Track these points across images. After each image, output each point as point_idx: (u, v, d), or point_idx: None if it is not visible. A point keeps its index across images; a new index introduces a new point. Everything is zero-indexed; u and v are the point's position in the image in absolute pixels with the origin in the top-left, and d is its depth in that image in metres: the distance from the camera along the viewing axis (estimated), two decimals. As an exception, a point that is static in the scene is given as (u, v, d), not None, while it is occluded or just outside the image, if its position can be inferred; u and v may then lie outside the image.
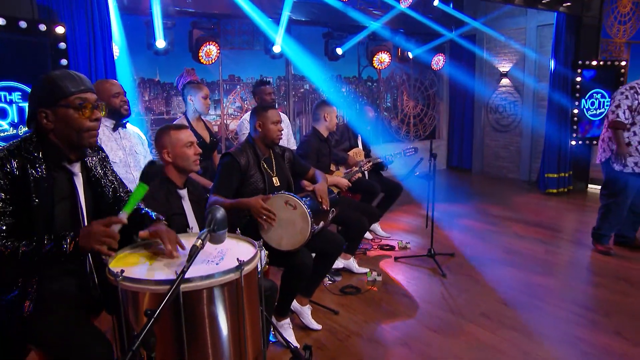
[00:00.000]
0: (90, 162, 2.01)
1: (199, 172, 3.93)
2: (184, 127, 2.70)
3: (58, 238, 1.69)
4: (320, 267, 3.24)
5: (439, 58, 8.17)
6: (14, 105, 3.57)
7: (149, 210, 2.09)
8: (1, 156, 1.74)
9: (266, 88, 4.67)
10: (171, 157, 2.56)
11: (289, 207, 2.88)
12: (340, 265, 4.28)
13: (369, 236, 5.25)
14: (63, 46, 3.72)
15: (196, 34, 5.98)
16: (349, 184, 4.16)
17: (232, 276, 1.68)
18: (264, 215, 2.85)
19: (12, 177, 1.73)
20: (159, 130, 2.68)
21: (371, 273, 4.18)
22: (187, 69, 6.53)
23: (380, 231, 5.41)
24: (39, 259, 1.67)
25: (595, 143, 7.01)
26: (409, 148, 5.11)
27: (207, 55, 5.91)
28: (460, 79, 9.08)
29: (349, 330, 3.34)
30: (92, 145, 1.93)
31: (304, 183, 3.67)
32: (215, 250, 1.87)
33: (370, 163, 4.80)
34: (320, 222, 3.05)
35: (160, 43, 5.53)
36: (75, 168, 1.92)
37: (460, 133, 9.75)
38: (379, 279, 4.15)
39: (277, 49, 6.49)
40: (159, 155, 2.62)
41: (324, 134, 4.39)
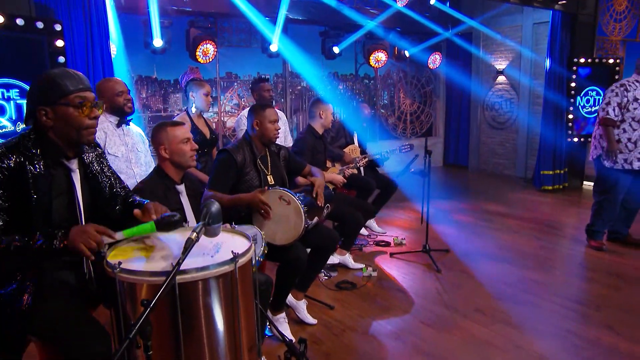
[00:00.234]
0: (88, 159, 2.05)
1: (198, 167, 3.99)
2: (181, 124, 2.73)
3: (50, 234, 1.73)
4: (315, 262, 3.28)
5: (436, 57, 8.21)
6: (11, 102, 3.61)
7: (143, 200, 2.14)
8: None
9: (265, 85, 4.71)
10: (168, 154, 2.60)
11: (283, 202, 2.93)
12: (336, 261, 4.32)
13: (365, 232, 5.29)
14: (61, 44, 3.75)
15: (193, 33, 6.01)
16: (343, 180, 4.21)
17: (227, 268, 1.72)
18: (262, 209, 2.90)
19: (10, 173, 1.77)
20: (155, 126, 2.72)
21: (367, 269, 4.22)
22: (192, 67, 6.58)
23: (375, 227, 5.45)
24: (31, 254, 1.72)
25: (590, 140, 7.05)
26: (404, 145, 5.14)
27: (205, 54, 5.95)
28: (456, 76, 9.12)
29: (344, 324, 3.38)
30: (90, 142, 1.98)
31: (299, 180, 3.71)
32: (211, 243, 1.91)
33: (366, 159, 4.84)
34: (315, 218, 3.09)
35: (157, 42, 5.56)
36: (73, 164, 1.96)
37: (456, 130, 9.80)
38: (375, 274, 4.19)
39: (274, 47, 6.53)
40: (155, 152, 2.66)
41: (319, 131, 4.43)
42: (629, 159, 4.46)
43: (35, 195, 1.80)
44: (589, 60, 7.15)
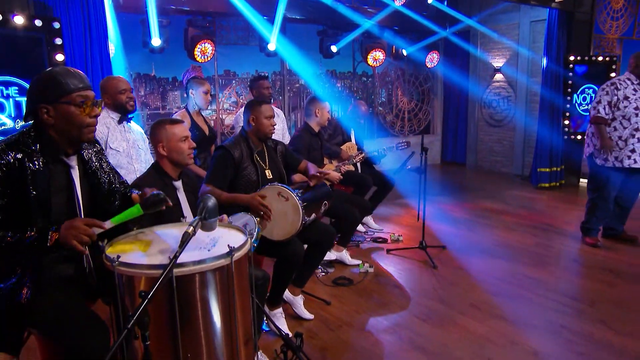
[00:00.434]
0: (87, 155, 2.08)
1: (197, 163, 4.03)
2: (179, 122, 2.75)
3: (42, 230, 1.76)
4: (312, 258, 3.31)
5: (433, 55, 8.24)
6: (10, 99, 3.63)
7: (135, 191, 2.20)
8: None
9: (264, 82, 4.75)
10: (166, 151, 2.62)
11: (282, 199, 2.96)
12: (333, 257, 4.35)
13: (362, 229, 5.33)
14: (59, 41, 3.78)
15: (191, 32, 6.03)
16: (340, 177, 4.23)
17: (223, 262, 1.75)
18: (262, 212, 2.93)
19: (9, 170, 1.79)
20: (154, 124, 2.74)
21: (363, 265, 4.25)
22: (194, 65, 6.61)
23: (372, 224, 5.49)
24: (24, 249, 1.74)
25: (586, 138, 7.09)
26: (401, 142, 5.17)
27: (203, 54, 5.98)
28: (454, 75, 9.16)
29: (340, 320, 3.41)
30: (91, 140, 2.01)
31: (295, 178, 3.74)
32: (208, 237, 1.94)
33: (362, 155, 4.87)
34: (312, 214, 3.12)
35: (155, 41, 5.58)
36: (72, 161, 1.99)
37: (454, 128, 9.83)
38: (371, 270, 4.23)
39: (272, 46, 6.55)
40: (154, 149, 2.68)
41: (316, 128, 4.47)
42: (619, 157, 4.51)
43: (34, 192, 1.83)
44: (586, 58, 7.18)
